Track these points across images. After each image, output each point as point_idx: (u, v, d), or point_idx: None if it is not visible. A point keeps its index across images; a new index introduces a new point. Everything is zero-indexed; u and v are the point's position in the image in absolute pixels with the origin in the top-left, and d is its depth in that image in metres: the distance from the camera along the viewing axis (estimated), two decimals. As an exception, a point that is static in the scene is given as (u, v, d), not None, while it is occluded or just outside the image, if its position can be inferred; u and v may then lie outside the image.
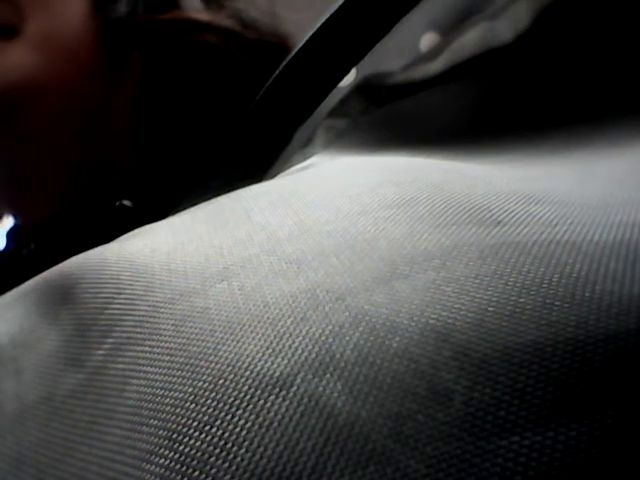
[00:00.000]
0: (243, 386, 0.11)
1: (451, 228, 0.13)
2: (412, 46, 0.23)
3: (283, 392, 0.11)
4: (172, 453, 0.11)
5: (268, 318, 0.12)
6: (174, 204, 0.24)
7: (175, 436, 0.11)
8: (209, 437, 0.11)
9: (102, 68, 0.30)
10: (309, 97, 0.24)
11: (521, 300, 0.11)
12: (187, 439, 0.11)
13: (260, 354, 0.12)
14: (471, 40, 0.22)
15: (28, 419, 0.14)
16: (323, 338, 0.11)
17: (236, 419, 0.11)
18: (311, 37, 0.24)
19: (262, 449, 0.10)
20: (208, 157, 0.26)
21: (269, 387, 0.11)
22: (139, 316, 0.14)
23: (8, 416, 0.14)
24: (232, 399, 0.11)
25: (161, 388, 0.12)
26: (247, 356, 0.12)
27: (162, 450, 0.11)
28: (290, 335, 0.12)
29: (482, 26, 0.22)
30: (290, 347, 0.11)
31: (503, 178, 0.16)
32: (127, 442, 0.12)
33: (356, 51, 0.24)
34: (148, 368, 0.13)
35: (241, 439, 0.11)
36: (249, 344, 0.12)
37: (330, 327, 0.12)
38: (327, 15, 0.23)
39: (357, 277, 0.12)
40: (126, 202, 0.29)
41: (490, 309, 0.11)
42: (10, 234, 0.34)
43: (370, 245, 0.13)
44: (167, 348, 0.13)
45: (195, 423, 0.11)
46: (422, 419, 0.10)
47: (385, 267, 0.12)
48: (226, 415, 0.11)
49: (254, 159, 0.25)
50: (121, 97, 0.31)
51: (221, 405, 0.11)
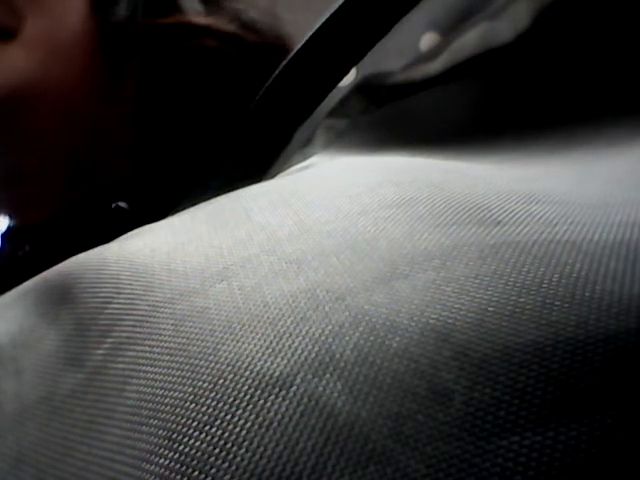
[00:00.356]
0: (243, 386, 0.11)
1: (451, 228, 0.13)
2: (412, 46, 0.23)
3: (283, 392, 0.11)
4: (172, 453, 0.11)
5: (268, 318, 0.12)
6: (171, 205, 0.24)
7: (175, 436, 0.11)
8: (209, 437, 0.11)
9: (100, 71, 0.30)
10: (309, 97, 0.24)
11: (521, 300, 0.11)
12: (187, 439, 0.11)
13: (260, 354, 0.12)
14: (471, 40, 0.22)
15: (28, 419, 0.14)
16: (323, 338, 0.11)
17: (236, 419, 0.11)
18: (311, 37, 0.24)
19: (262, 449, 0.10)
20: (208, 157, 0.26)
21: (269, 387, 0.11)
22: (139, 316, 0.14)
23: (8, 416, 0.14)
24: (232, 399, 0.11)
25: (161, 388, 0.12)
26: (247, 356, 0.12)
27: (162, 450, 0.11)
28: (290, 335, 0.12)
29: (482, 26, 0.22)
30: (290, 347, 0.11)
31: (503, 178, 0.16)
32: (127, 442, 0.12)
33: (356, 51, 0.24)
34: (148, 368, 0.13)
35: (241, 439, 0.11)
36: (249, 344, 0.12)
37: (330, 327, 0.12)
38: (326, 15, 0.23)
39: (357, 277, 0.12)
40: (122, 204, 0.29)
41: (490, 309, 0.11)
42: (5, 235, 0.34)
43: (370, 245, 0.13)
44: (167, 348, 0.13)
45: (195, 423, 0.11)
46: (422, 419, 0.10)
47: (385, 267, 0.12)
48: (226, 415, 0.11)
49: (254, 159, 0.25)
50: (119, 99, 0.31)
51: (221, 405, 0.11)
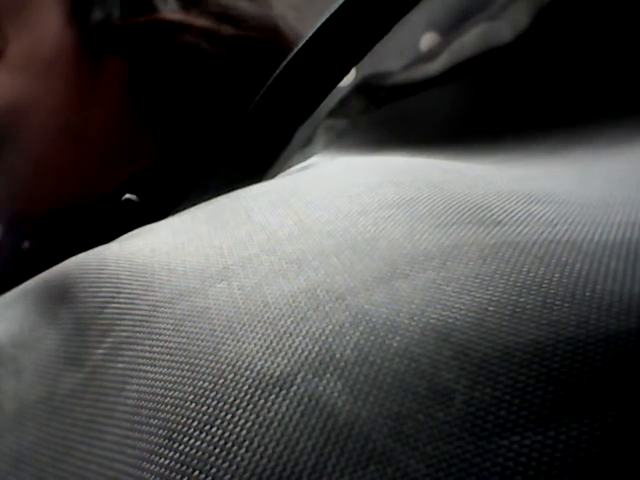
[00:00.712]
0: (243, 386, 0.11)
1: (451, 228, 0.13)
2: (412, 46, 0.23)
3: (283, 392, 0.11)
4: (172, 453, 0.11)
5: (268, 318, 0.12)
6: (172, 205, 0.24)
7: (175, 436, 0.11)
8: (209, 437, 0.11)
9: (85, 75, 0.31)
10: (309, 97, 0.24)
11: (521, 300, 0.11)
12: (187, 439, 0.11)
13: (260, 354, 0.12)
14: (471, 40, 0.22)
15: (28, 419, 0.14)
16: (323, 338, 0.11)
17: (236, 419, 0.11)
18: (311, 37, 0.24)
19: (262, 449, 0.10)
20: (208, 157, 0.26)
21: (269, 387, 0.11)
22: (139, 315, 0.14)
23: (8, 416, 0.14)
24: (232, 399, 0.11)
25: (161, 388, 0.12)
26: (247, 355, 0.12)
27: (162, 450, 0.11)
28: (290, 335, 0.12)
29: (482, 26, 0.22)
30: (290, 347, 0.11)
31: (503, 178, 0.16)
32: (127, 442, 0.12)
33: (356, 51, 0.24)
34: (148, 367, 0.13)
35: (241, 439, 0.11)
36: (249, 343, 0.12)
37: (330, 327, 0.11)
38: (327, 15, 0.23)
39: (357, 277, 0.12)
40: (132, 197, 0.29)
41: (490, 309, 0.11)
42: (8, 228, 0.34)
43: (370, 245, 0.13)
44: (167, 348, 0.13)
45: (195, 423, 0.11)
46: (422, 419, 0.10)
47: (385, 267, 0.12)
48: (226, 415, 0.11)
49: (254, 159, 0.25)
50: (103, 99, 0.31)
51: (221, 405, 0.11)
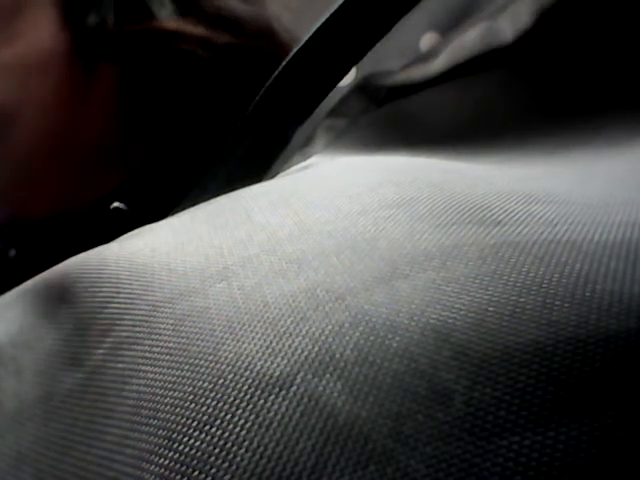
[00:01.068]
0: (243, 386, 0.11)
1: (451, 228, 0.13)
2: (412, 46, 0.23)
3: (283, 392, 0.11)
4: (172, 453, 0.11)
5: (268, 318, 0.12)
6: (171, 206, 0.24)
7: (175, 436, 0.11)
8: (209, 437, 0.11)
9: (77, 81, 0.31)
10: (309, 97, 0.24)
11: (521, 300, 0.11)
12: (187, 439, 0.11)
13: (260, 354, 0.12)
14: (471, 40, 0.22)
15: (27, 418, 0.14)
16: (323, 338, 0.11)
17: (236, 419, 0.11)
18: (311, 37, 0.24)
19: (262, 449, 0.10)
20: (207, 157, 0.26)
21: (269, 387, 0.11)
22: (138, 315, 0.14)
23: (8, 415, 0.14)
24: (232, 399, 0.11)
25: (161, 388, 0.12)
26: (247, 356, 0.12)
27: (162, 450, 0.11)
28: (290, 335, 0.12)
29: (482, 26, 0.22)
30: (290, 347, 0.11)
31: (503, 178, 0.16)
32: (126, 442, 0.12)
33: (356, 51, 0.24)
34: (147, 367, 0.13)
35: (241, 439, 0.11)
36: (249, 344, 0.12)
37: (330, 327, 0.11)
38: (327, 15, 0.23)
39: (357, 277, 0.12)
40: (120, 205, 0.29)
41: (490, 309, 0.11)
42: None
43: (370, 245, 0.13)
44: (166, 348, 0.13)
45: (195, 423, 0.11)
46: (422, 419, 0.10)
47: (385, 267, 0.12)
48: (226, 415, 0.11)
49: (254, 159, 0.25)
50: (98, 107, 0.31)
51: (221, 405, 0.11)
